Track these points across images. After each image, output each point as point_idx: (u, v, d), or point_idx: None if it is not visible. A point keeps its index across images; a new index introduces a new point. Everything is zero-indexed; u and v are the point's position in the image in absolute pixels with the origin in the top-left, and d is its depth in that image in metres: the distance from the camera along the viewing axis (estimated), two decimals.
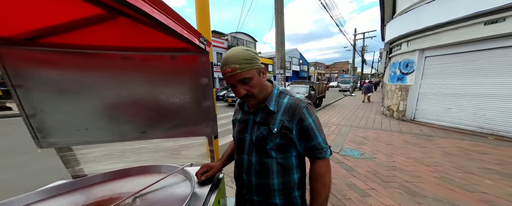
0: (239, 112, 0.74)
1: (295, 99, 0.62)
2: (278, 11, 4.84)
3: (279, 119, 0.60)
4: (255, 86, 0.56)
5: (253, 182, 0.66)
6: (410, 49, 5.14)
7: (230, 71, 0.52)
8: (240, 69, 0.51)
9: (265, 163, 0.63)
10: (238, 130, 0.71)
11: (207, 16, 1.10)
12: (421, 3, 4.75)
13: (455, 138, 3.60)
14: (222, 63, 0.54)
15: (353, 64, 23.45)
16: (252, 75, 0.54)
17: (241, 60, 0.51)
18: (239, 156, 0.70)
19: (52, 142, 0.71)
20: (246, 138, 0.66)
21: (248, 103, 0.67)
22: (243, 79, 0.53)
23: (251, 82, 0.55)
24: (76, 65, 0.65)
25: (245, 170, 0.67)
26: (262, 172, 0.63)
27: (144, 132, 0.83)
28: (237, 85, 0.55)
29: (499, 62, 3.66)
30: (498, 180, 2.07)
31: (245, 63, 0.52)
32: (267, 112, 0.63)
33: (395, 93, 5.63)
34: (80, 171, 0.80)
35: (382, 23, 10.08)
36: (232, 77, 0.53)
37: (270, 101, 0.62)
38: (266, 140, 0.61)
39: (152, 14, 0.40)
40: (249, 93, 0.56)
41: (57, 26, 0.51)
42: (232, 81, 0.54)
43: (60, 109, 0.70)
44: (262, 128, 0.62)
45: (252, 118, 0.66)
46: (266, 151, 0.62)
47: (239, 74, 0.52)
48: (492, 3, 3.38)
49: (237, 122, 0.73)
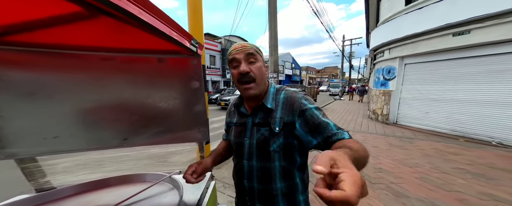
0: (234, 114, 0.70)
1: (290, 92, 0.61)
2: (271, 15, 4.93)
3: (279, 116, 0.58)
4: (258, 69, 0.57)
5: (255, 188, 0.62)
6: (391, 56, 5.52)
7: (241, 47, 0.56)
8: (250, 48, 0.57)
9: (267, 167, 0.59)
10: (235, 134, 0.67)
11: (199, 19, 1.07)
12: (401, 14, 5.16)
13: (432, 140, 3.89)
14: (234, 45, 0.59)
15: (341, 69, 24.58)
16: (258, 59, 0.58)
17: (252, 45, 0.58)
18: (238, 161, 0.67)
19: (12, 153, 0.62)
20: (245, 142, 0.63)
21: (247, 94, 0.58)
22: (250, 55, 0.56)
23: (256, 64, 0.57)
24: (47, 66, 0.58)
25: (245, 176, 0.64)
26: (264, 176, 0.60)
27: (126, 138, 0.76)
28: (243, 61, 0.56)
29: (466, 71, 4.07)
30: (469, 179, 2.26)
31: (255, 48, 0.58)
32: (266, 111, 0.60)
33: (379, 98, 5.98)
34: (47, 184, 0.70)
35: (367, 31, 10.78)
36: (240, 52, 0.56)
37: (267, 99, 0.61)
38: (268, 141, 0.57)
39: (139, 16, 0.37)
40: (251, 73, 0.56)
41: (26, 23, 0.46)
42: (240, 55, 0.56)
43: (25, 114, 0.61)
44: (263, 129, 0.59)
45: (251, 120, 0.63)
46: (268, 153, 0.58)
47: (248, 49, 0.56)
48: (458, 16, 3.78)
49: (233, 125, 0.70)
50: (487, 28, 3.53)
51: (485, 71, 3.80)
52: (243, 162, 0.64)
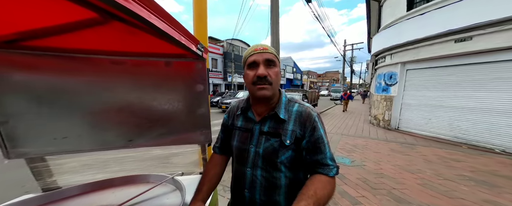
0: (239, 118, 0.66)
1: (305, 107, 0.59)
2: (274, 21, 5.00)
3: (291, 129, 0.56)
4: (275, 74, 0.57)
5: (257, 200, 0.59)
6: (393, 61, 5.53)
7: (261, 49, 0.57)
8: (270, 51, 0.57)
9: (273, 178, 0.57)
10: (240, 139, 0.64)
11: (204, 23, 1.10)
12: (402, 19, 5.20)
13: (434, 147, 3.85)
14: (252, 46, 0.60)
15: (343, 74, 24.61)
16: (276, 64, 0.58)
17: (272, 49, 0.59)
18: (239, 167, 0.63)
19: (24, 152, 0.63)
20: (250, 149, 0.60)
21: (261, 94, 0.56)
22: (269, 60, 0.56)
23: (274, 69, 0.57)
24: (59, 70, 0.60)
25: (247, 185, 0.60)
26: (269, 187, 0.58)
27: (131, 140, 0.77)
28: (262, 64, 0.56)
29: (469, 78, 4.06)
30: (472, 186, 2.22)
31: (275, 52, 0.59)
32: (277, 121, 0.58)
33: (381, 103, 5.96)
34: (53, 183, 0.72)
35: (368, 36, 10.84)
36: (260, 55, 0.56)
37: (279, 109, 0.58)
38: (278, 152, 0.56)
39: (149, 20, 0.39)
40: (268, 78, 0.55)
41: (43, 29, 0.48)
42: (259, 58, 0.56)
43: (37, 115, 0.63)
44: (273, 140, 0.57)
45: (258, 127, 0.60)
46: (275, 165, 0.56)
47: (268, 54, 0.57)
48: (460, 22, 3.79)
49: (237, 129, 0.65)
50: (489, 35, 3.53)
51: (488, 78, 3.77)
52: (245, 170, 0.60)
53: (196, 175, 0.93)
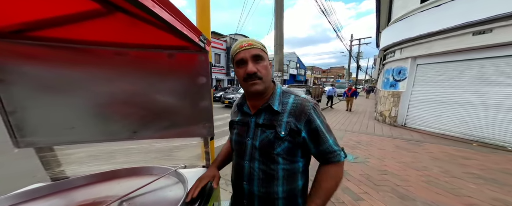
0: (237, 113, 0.69)
1: (301, 99, 0.59)
2: (278, 15, 4.86)
3: (285, 120, 0.57)
4: (265, 68, 0.57)
5: (255, 191, 0.61)
6: (403, 56, 5.32)
7: (247, 45, 0.55)
8: (256, 46, 0.55)
9: (270, 170, 0.58)
10: (237, 132, 0.66)
11: (207, 17, 1.07)
12: (415, 12, 4.93)
13: (442, 144, 3.75)
14: (238, 42, 0.57)
15: (348, 69, 24.00)
16: (264, 57, 0.57)
17: (258, 42, 0.57)
18: (238, 161, 0.65)
19: (32, 142, 0.65)
20: (247, 142, 0.62)
21: (252, 89, 0.57)
22: (256, 56, 0.55)
23: (262, 63, 0.56)
24: (66, 61, 0.60)
25: (246, 178, 0.62)
26: (266, 179, 0.59)
27: (136, 131, 0.78)
28: (249, 61, 0.55)
29: (483, 73, 3.86)
30: (481, 184, 2.16)
31: (261, 45, 0.57)
32: (271, 113, 0.59)
33: (388, 99, 5.80)
34: (61, 173, 0.74)
35: (377, 30, 10.40)
36: (247, 51, 0.55)
37: (273, 100, 0.59)
38: (273, 144, 0.56)
39: (153, 9, 0.38)
40: (258, 73, 0.55)
41: (47, 20, 0.47)
42: (246, 55, 0.55)
43: (45, 105, 0.64)
44: (268, 132, 0.58)
45: (254, 120, 0.62)
46: (272, 157, 0.57)
47: (254, 49, 0.55)
48: (480, 14, 3.55)
49: (235, 123, 0.68)
50: (511, 27, 3.31)
51: (506, 72, 3.56)
52: (243, 163, 0.62)
53: (199, 168, 0.94)
